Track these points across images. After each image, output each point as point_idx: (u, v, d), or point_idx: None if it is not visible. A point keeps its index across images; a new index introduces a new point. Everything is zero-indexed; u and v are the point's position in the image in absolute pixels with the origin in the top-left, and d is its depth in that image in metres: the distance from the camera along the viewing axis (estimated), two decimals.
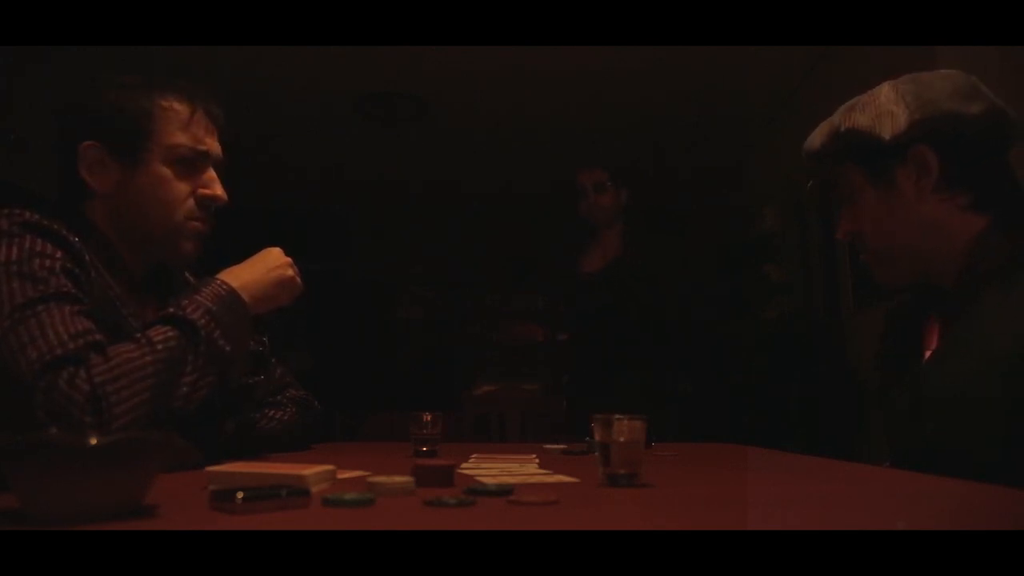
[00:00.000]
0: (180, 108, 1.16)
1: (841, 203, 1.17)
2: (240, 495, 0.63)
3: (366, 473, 0.90)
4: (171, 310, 1.03)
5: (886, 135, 1.07)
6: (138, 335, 1.00)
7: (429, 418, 1.33)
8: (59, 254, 1.02)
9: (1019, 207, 1.05)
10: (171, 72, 1.21)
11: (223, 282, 1.10)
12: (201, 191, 1.17)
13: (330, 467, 0.82)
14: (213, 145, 1.20)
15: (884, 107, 1.08)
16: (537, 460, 1.16)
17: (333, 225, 5.32)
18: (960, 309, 1.04)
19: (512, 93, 3.65)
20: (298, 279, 1.20)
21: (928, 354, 1.12)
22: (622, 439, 0.84)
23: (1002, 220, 1.04)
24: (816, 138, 1.17)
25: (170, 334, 1.00)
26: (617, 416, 0.84)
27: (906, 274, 1.14)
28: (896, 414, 1.13)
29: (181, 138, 1.15)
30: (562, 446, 1.43)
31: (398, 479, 0.76)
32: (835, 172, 1.15)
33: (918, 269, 1.12)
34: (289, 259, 1.20)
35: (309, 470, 0.76)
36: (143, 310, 1.16)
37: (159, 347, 0.98)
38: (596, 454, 0.86)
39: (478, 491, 0.75)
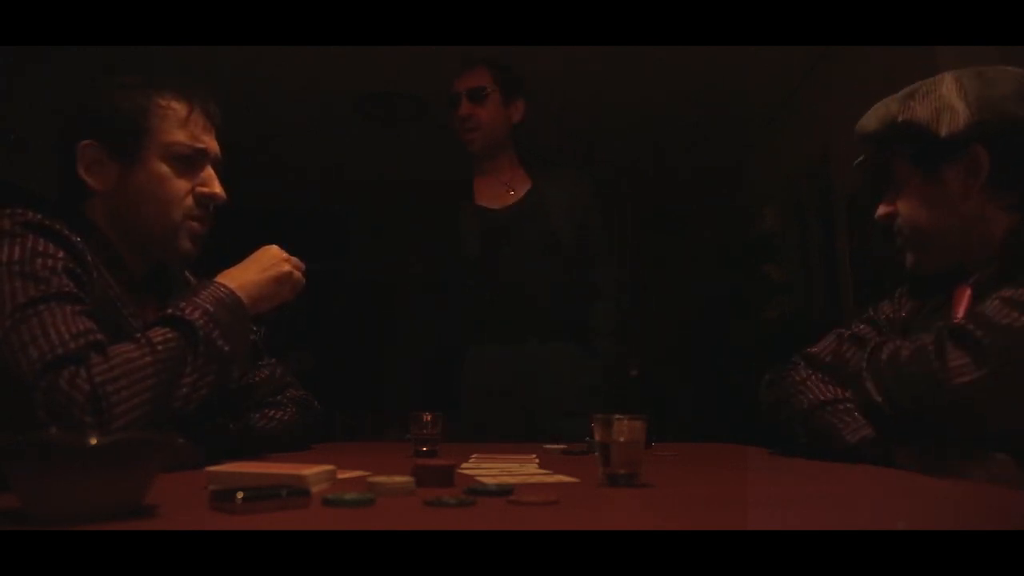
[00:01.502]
0: (178, 106, 1.16)
1: (887, 186, 1.18)
2: (240, 495, 0.63)
3: (366, 473, 0.90)
4: (170, 311, 1.04)
5: (943, 131, 1.07)
6: (138, 335, 1.00)
7: (429, 418, 1.33)
8: (61, 254, 1.03)
9: None
10: (171, 72, 1.21)
11: (221, 284, 1.10)
12: (199, 189, 1.18)
13: (330, 467, 0.82)
14: (211, 143, 1.20)
15: (945, 101, 1.07)
16: (537, 460, 1.16)
17: (333, 225, 5.32)
18: (996, 283, 1.05)
19: None
20: (296, 274, 1.20)
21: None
22: (622, 439, 0.84)
23: None
24: (871, 120, 1.17)
25: (169, 335, 1.00)
26: (617, 416, 0.85)
27: (939, 263, 1.16)
28: None
29: (179, 136, 1.15)
30: (562, 446, 1.43)
31: (398, 479, 0.76)
32: (884, 156, 1.16)
33: (952, 259, 1.14)
34: (286, 255, 1.20)
35: (309, 470, 0.76)
36: (143, 310, 1.16)
37: (159, 347, 0.98)
38: (596, 454, 0.86)
39: (478, 491, 0.75)
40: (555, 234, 2.12)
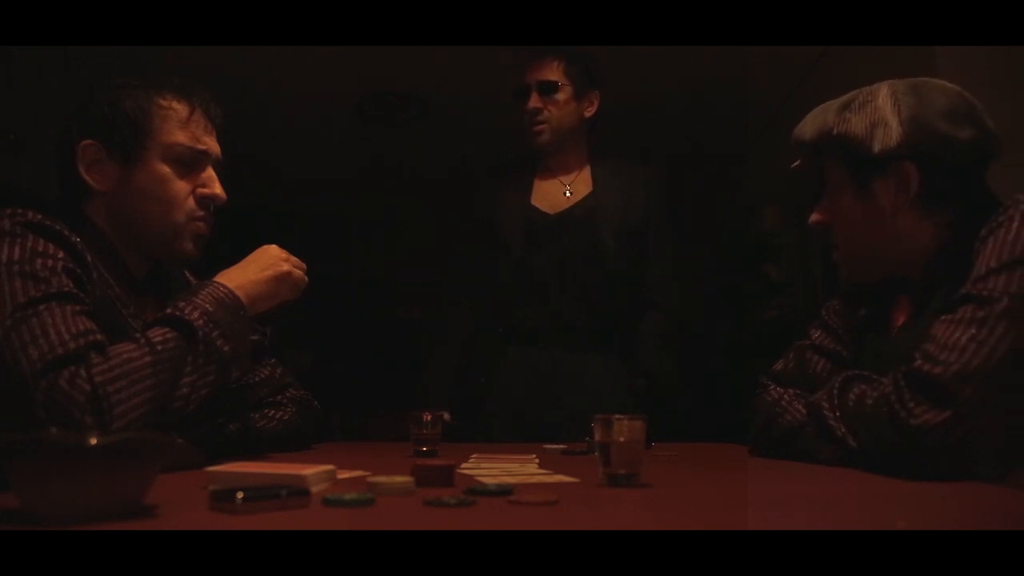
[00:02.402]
0: (179, 107, 1.16)
1: (821, 192, 1.20)
2: (240, 495, 0.63)
3: (366, 473, 0.90)
4: (169, 311, 1.03)
5: (875, 147, 1.08)
6: (137, 335, 1.00)
7: (429, 418, 1.33)
8: (61, 254, 1.03)
9: (983, 219, 1.04)
10: (170, 72, 1.21)
11: (220, 284, 1.10)
12: (200, 190, 1.18)
13: (330, 467, 0.82)
14: (212, 145, 1.20)
15: (880, 115, 1.08)
16: (537, 460, 1.16)
17: (333, 225, 5.32)
18: (930, 297, 1.07)
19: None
20: (297, 272, 1.20)
21: (898, 328, 1.15)
22: (622, 439, 0.84)
23: (967, 231, 1.04)
24: (807, 129, 1.18)
25: (169, 335, 1.00)
26: (617, 416, 0.85)
27: (872, 276, 1.18)
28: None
29: (180, 137, 1.15)
30: (562, 446, 1.43)
31: (398, 479, 0.76)
32: (822, 160, 1.17)
33: (884, 272, 1.16)
34: (285, 255, 1.19)
35: (309, 470, 0.76)
36: (143, 310, 1.16)
37: (158, 347, 0.98)
38: (596, 454, 0.86)
39: (478, 491, 0.75)
40: (604, 244, 1.99)
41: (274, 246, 1.20)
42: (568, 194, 2.05)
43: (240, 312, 1.09)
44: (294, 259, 1.20)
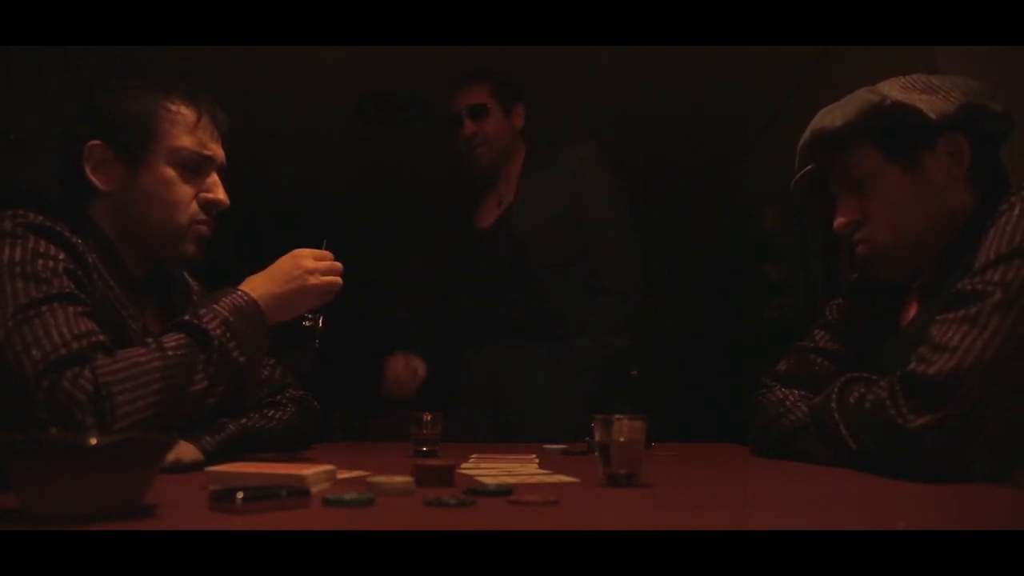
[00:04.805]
0: (187, 112, 1.17)
1: (846, 190, 1.13)
2: (240, 495, 0.63)
3: (366, 473, 0.90)
4: (187, 318, 1.04)
5: (933, 113, 1.03)
6: (149, 340, 1.00)
7: (429, 418, 1.33)
8: (62, 255, 1.03)
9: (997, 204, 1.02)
10: (170, 72, 1.21)
11: (244, 292, 1.10)
12: (203, 195, 1.18)
13: (330, 467, 0.82)
14: (217, 150, 1.20)
15: (924, 86, 1.05)
16: (537, 460, 1.16)
17: (333, 225, 5.32)
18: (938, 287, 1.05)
19: None
20: (324, 282, 1.18)
21: (905, 324, 1.13)
22: (622, 439, 0.84)
23: (983, 216, 1.02)
24: (837, 116, 1.10)
25: (183, 341, 1.00)
26: (617, 416, 0.85)
27: (907, 268, 1.12)
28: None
29: (186, 141, 1.15)
30: (562, 446, 1.43)
31: (398, 479, 0.76)
32: (848, 155, 1.10)
33: (919, 263, 1.11)
34: (313, 265, 1.17)
35: (309, 470, 0.76)
36: (143, 311, 1.16)
37: (169, 353, 0.98)
38: (596, 454, 0.87)
39: (478, 491, 0.75)
40: (533, 243, 2.03)
41: (305, 256, 1.18)
42: (500, 204, 2.14)
43: (259, 321, 1.09)
44: (325, 264, 1.19)
